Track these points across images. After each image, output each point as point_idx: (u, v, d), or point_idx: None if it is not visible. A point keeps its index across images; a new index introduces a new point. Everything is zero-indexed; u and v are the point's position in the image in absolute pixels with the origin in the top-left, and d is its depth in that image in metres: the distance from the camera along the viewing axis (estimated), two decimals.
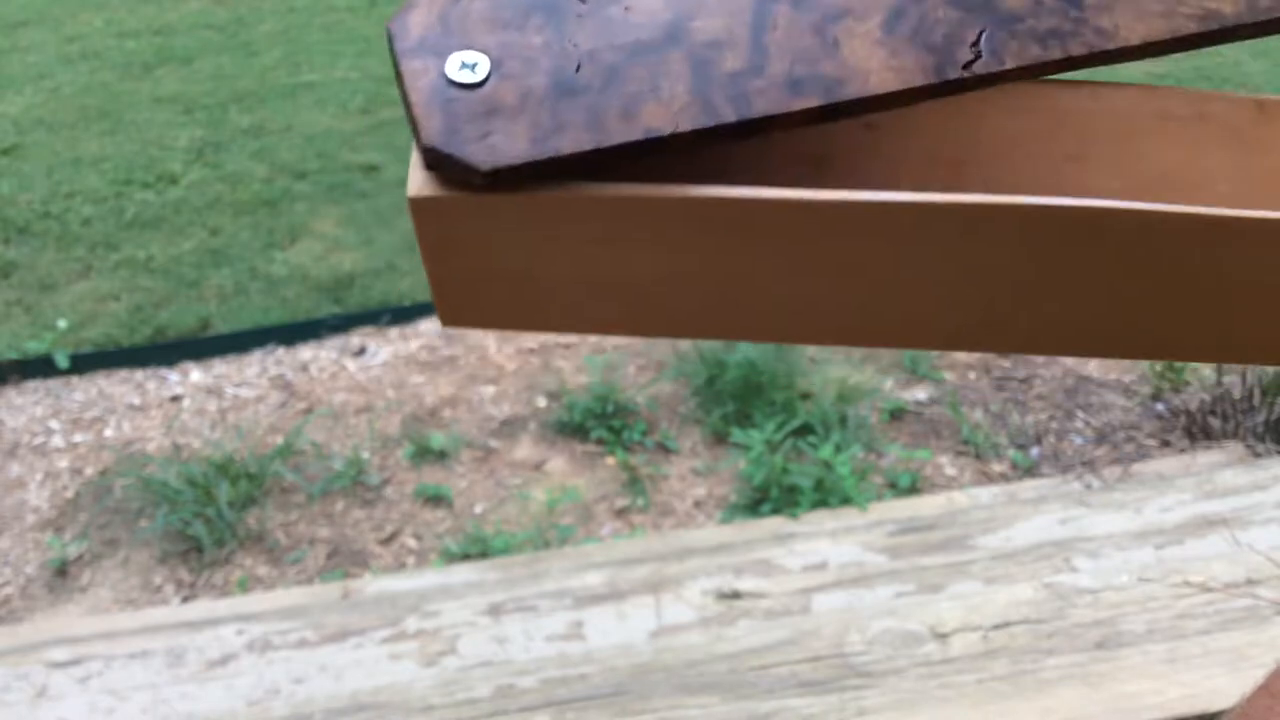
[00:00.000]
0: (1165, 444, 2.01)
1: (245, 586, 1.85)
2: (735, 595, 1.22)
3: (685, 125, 0.27)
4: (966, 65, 0.27)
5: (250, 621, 1.23)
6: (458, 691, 1.12)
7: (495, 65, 0.27)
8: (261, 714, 1.11)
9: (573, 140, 0.26)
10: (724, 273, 0.29)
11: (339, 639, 1.19)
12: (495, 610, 1.22)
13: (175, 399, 2.38)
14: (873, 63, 0.27)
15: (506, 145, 0.26)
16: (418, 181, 0.27)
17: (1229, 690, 1.04)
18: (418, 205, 0.27)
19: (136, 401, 2.38)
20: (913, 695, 1.07)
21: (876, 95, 0.27)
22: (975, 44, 0.28)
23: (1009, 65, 0.27)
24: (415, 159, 0.27)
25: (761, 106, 0.27)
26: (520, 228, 0.28)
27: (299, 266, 2.88)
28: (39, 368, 2.49)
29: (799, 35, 0.28)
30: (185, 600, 1.84)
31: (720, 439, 2.12)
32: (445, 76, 0.27)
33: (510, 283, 0.29)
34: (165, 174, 3.45)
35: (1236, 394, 1.95)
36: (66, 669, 1.18)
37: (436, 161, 0.27)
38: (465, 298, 0.30)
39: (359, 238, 3.00)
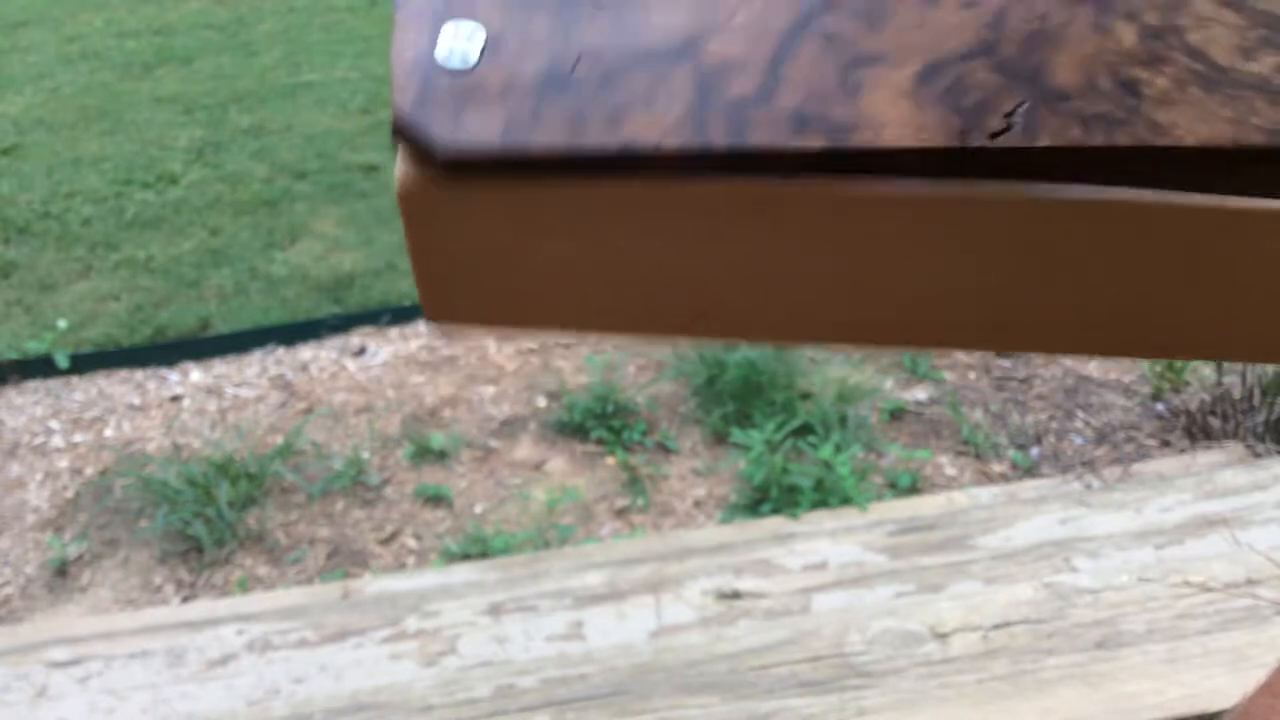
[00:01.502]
0: (1165, 444, 2.01)
1: (245, 586, 1.85)
2: (735, 595, 1.22)
3: (670, 144, 0.25)
4: (994, 135, 0.25)
5: (250, 621, 1.23)
6: (458, 691, 1.12)
7: (490, 43, 0.26)
8: (261, 714, 1.11)
9: (546, 138, 0.25)
10: (706, 271, 0.28)
11: (339, 639, 1.19)
12: (495, 610, 1.22)
13: (175, 399, 2.38)
14: (891, 115, 0.25)
15: (475, 130, 0.25)
16: (403, 171, 0.26)
17: (1229, 690, 1.04)
18: (402, 195, 0.26)
19: (136, 401, 2.38)
20: (913, 695, 1.07)
21: (885, 149, 0.25)
22: (1010, 114, 0.25)
23: (1041, 142, 0.25)
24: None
25: (756, 138, 0.25)
26: (495, 221, 0.27)
27: (299, 266, 2.88)
28: (39, 368, 2.49)
29: (820, 73, 0.26)
30: (185, 600, 1.84)
31: (720, 439, 2.12)
32: (433, 52, 0.26)
33: (491, 282, 0.28)
34: (165, 174, 3.45)
35: (1236, 394, 1.95)
36: (66, 669, 1.18)
37: (403, 133, 0.26)
38: (448, 295, 0.29)
39: (359, 238, 3.00)
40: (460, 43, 0.26)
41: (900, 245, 0.27)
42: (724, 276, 0.28)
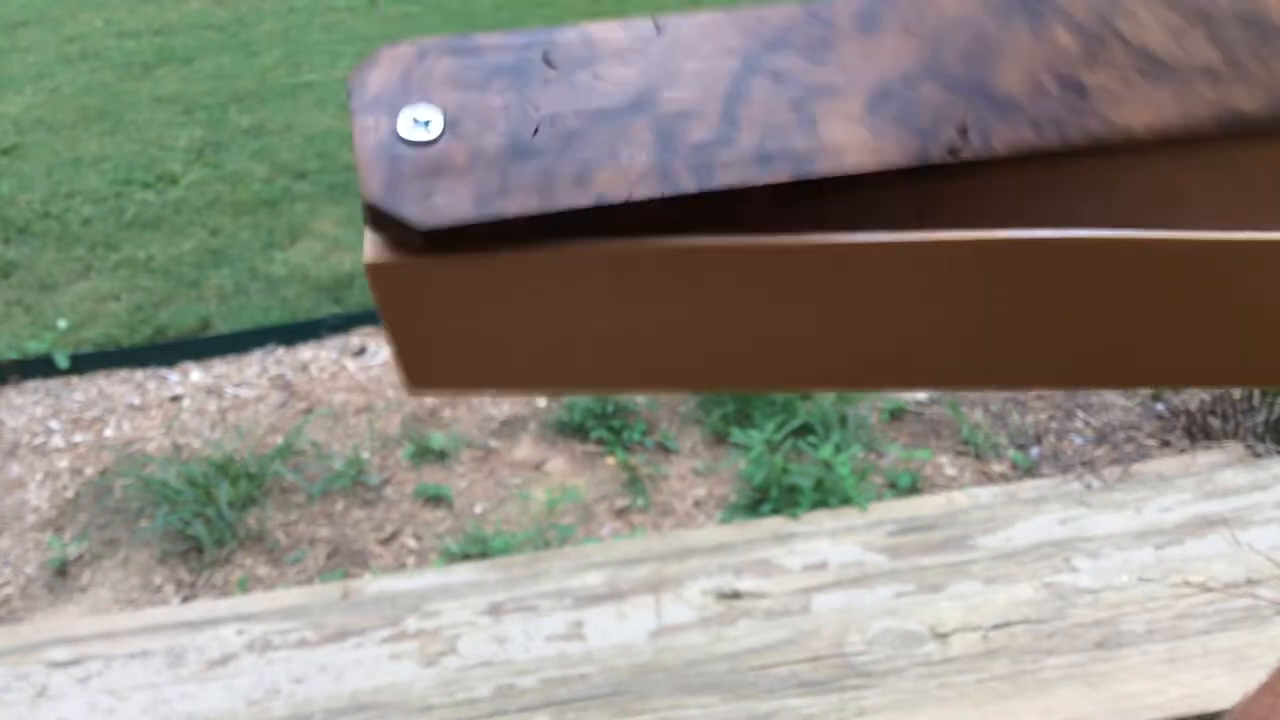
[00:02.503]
0: (1165, 444, 2.01)
1: (245, 586, 1.85)
2: (735, 595, 1.22)
3: (641, 193, 0.25)
4: (952, 149, 0.26)
5: (250, 621, 1.23)
6: (458, 691, 1.12)
7: (449, 124, 0.27)
8: (261, 714, 1.11)
9: (519, 203, 0.25)
10: (686, 324, 0.28)
11: (339, 639, 1.19)
12: (495, 610, 1.22)
13: (175, 399, 2.38)
14: (850, 140, 0.26)
15: (448, 205, 0.25)
16: (373, 247, 0.26)
17: (1229, 690, 1.04)
18: (374, 271, 0.26)
19: (136, 401, 2.38)
20: (913, 695, 1.07)
21: (850, 174, 0.26)
22: (963, 127, 0.26)
23: (998, 150, 0.26)
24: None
25: (725, 178, 0.26)
26: (474, 291, 0.27)
27: (299, 266, 2.88)
28: (39, 368, 2.49)
29: (775, 110, 0.27)
30: (185, 600, 1.84)
31: (720, 439, 2.12)
32: (396, 132, 0.26)
33: (472, 347, 0.29)
34: (165, 174, 3.45)
35: (1236, 394, 1.95)
36: (66, 669, 1.18)
37: (377, 219, 0.26)
38: (429, 364, 0.29)
39: (359, 238, 3.00)
40: (419, 127, 0.27)
41: (873, 294, 0.28)
42: (701, 332, 0.28)
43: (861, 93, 0.27)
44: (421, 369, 0.29)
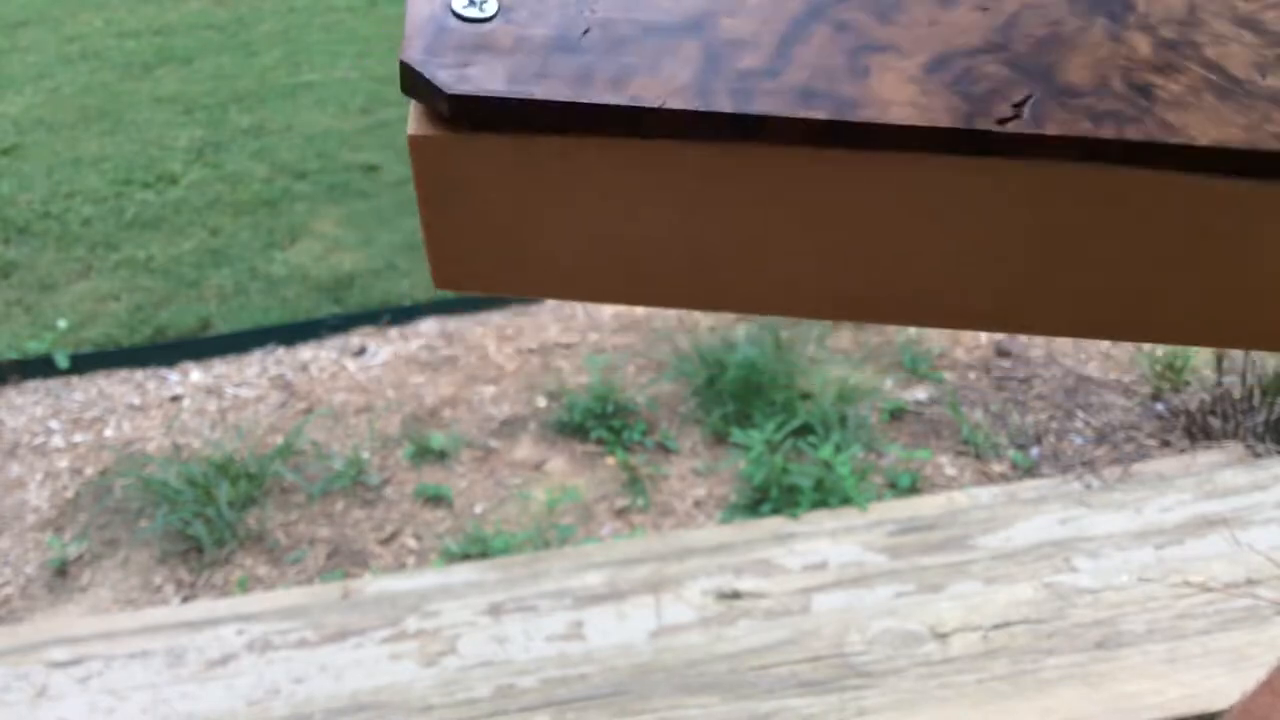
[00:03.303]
0: (1165, 444, 2.01)
1: (245, 586, 1.85)
2: (735, 595, 1.22)
3: (674, 104, 0.25)
4: (1001, 121, 0.25)
5: (250, 621, 1.23)
6: (458, 691, 1.12)
7: (504, 9, 0.27)
8: (261, 714, 1.11)
9: (550, 89, 0.26)
10: (711, 237, 0.28)
11: (339, 639, 1.19)
12: (495, 610, 1.22)
13: (175, 399, 2.38)
14: (898, 96, 0.26)
15: (481, 78, 0.26)
16: (416, 120, 0.27)
17: (1229, 690, 1.04)
18: (414, 144, 0.27)
19: (136, 401, 2.38)
20: (913, 695, 1.07)
21: (890, 125, 0.25)
22: (1019, 104, 0.26)
23: (1049, 132, 0.25)
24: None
25: (762, 107, 0.25)
26: (503, 176, 0.27)
27: (299, 266, 2.88)
28: (39, 368, 2.49)
29: (830, 55, 0.27)
30: (185, 600, 1.84)
31: (720, 439, 2.12)
32: (449, 5, 0.27)
33: (500, 243, 0.29)
34: (165, 174, 3.45)
35: (1236, 394, 1.95)
36: (66, 669, 1.18)
37: (410, 82, 0.26)
38: (458, 257, 0.29)
39: (359, 238, 3.00)
40: (474, 6, 0.27)
41: (900, 218, 0.27)
42: (727, 244, 0.28)
43: (922, 56, 0.27)
44: (450, 262, 0.30)
